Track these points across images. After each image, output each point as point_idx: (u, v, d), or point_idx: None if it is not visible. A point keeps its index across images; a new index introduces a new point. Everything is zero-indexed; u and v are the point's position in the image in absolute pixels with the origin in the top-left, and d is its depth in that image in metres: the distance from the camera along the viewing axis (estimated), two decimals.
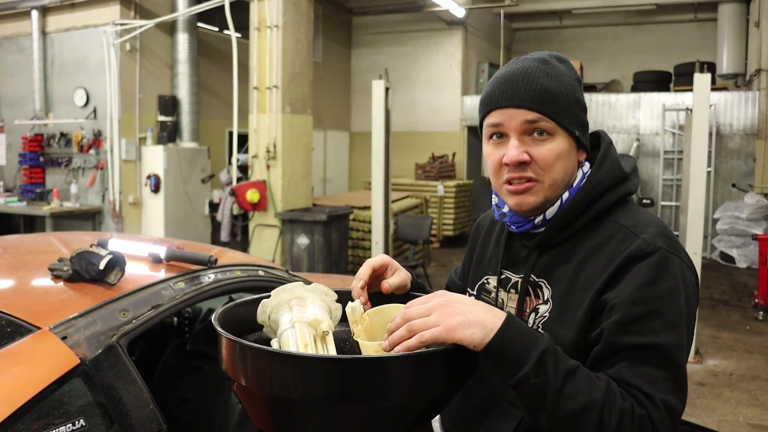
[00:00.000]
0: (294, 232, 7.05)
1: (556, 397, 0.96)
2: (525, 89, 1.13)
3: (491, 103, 1.16)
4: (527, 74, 1.14)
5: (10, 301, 1.69)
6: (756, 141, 9.93)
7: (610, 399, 0.97)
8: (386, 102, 7.03)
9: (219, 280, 1.98)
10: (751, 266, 8.89)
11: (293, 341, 1.03)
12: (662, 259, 1.07)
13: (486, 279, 1.31)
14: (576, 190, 1.17)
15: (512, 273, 1.25)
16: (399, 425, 0.99)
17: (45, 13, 8.45)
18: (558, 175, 1.15)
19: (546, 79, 1.14)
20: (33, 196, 8.56)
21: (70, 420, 1.41)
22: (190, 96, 8.49)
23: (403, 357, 0.94)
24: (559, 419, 0.97)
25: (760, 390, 4.61)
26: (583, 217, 1.16)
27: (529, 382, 0.96)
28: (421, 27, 12.74)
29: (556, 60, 1.19)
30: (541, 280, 1.18)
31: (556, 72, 1.16)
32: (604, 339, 1.04)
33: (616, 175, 1.18)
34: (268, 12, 7.13)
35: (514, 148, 1.13)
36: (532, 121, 1.12)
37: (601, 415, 0.95)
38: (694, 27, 13.30)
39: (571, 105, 1.15)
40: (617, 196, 1.17)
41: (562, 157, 1.14)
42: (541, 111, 1.12)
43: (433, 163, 11.46)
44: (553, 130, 1.13)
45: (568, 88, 1.15)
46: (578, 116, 1.17)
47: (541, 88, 1.13)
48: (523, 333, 0.99)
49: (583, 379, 0.98)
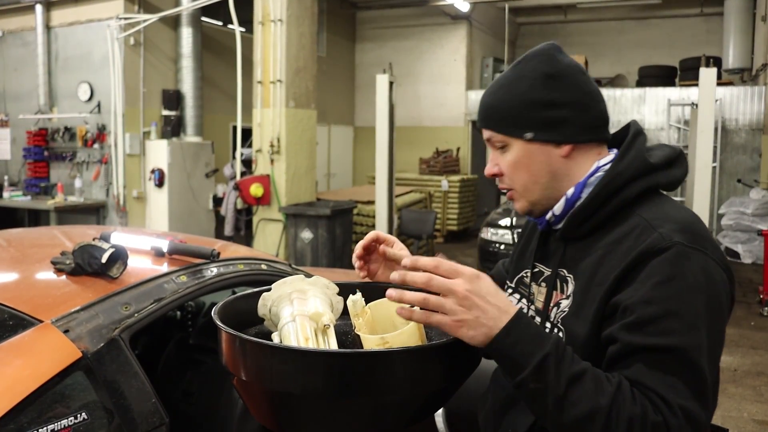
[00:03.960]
0: (298, 226, 7.05)
1: (557, 403, 0.94)
2: (480, 110, 1.22)
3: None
4: (485, 93, 1.23)
5: (13, 294, 1.69)
6: (762, 136, 9.88)
7: (619, 404, 0.94)
8: (390, 96, 7.02)
9: (221, 273, 1.98)
10: (757, 262, 8.85)
11: (294, 335, 1.03)
12: (679, 255, 1.02)
13: (525, 272, 1.32)
14: (584, 184, 1.16)
15: (544, 266, 1.26)
16: (400, 419, 0.98)
17: (49, 8, 8.45)
18: (524, 180, 1.18)
19: (490, 94, 1.20)
20: (37, 191, 8.58)
21: (72, 413, 1.41)
22: (194, 90, 8.49)
23: (405, 351, 0.94)
24: (561, 425, 0.95)
25: (764, 386, 4.59)
26: (604, 209, 1.14)
27: (528, 386, 0.95)
28: (425, 21, 12.70)
29: (525, 61, 1.19)
30: (569, 275, 1.17)
31: (510, 80, 1.18)
32: (620, 340, 1.01)
33: (637, 167, 1.14)
34: (272, 6, 7.12)
35: (489, 162, 1.24)
36: (488, 138, 1.21)
37: (607, 421, 0.93)
38: (699, 21, 13.22)
39: (519, 110, 1.15)
40: (639, 189, 1.13)
41: (522, 164, 1.17)
42: (489, 127, 1.19)
43: (437, 158, 11.44)
44: (504, 141, 1.18)
45: (517, 93, 1.16)
46: (531, 118, 1.15)
47: (485, 105, 1.21)
48: (528, 334, 0.97)
49: (589, 384, 0.95)
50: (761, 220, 8.94)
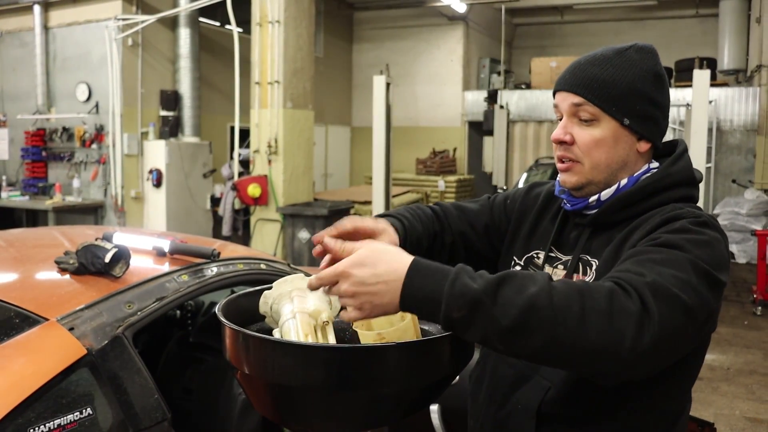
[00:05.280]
0: (295, 226, 7.09)
1: (490, 314, 0.89)
2: (578, 74, 1.19)
3: (555, 85, 1.25)
4: (588, 62, 1.20)
5: (18, 293, 1.73)
6: (756, 137, 9.94)
7: (558, 285, 0.91)
8: (387, 97, 7.05)
9: (222, 273, 2.02)
10: (751, 262, 8.91)
11: (294, 331, 1.07)
12: (702, 223, 1.08)
13: (536, 253, 1.33)
14: (636, 179, 1.20)
15: (560, 253, 1.28)
16: (396, 411, 1.02)
17: (47, 8, 8.47)
18: (600, 159, 1.18)
19: (598, 67, 1.18)
20: (35, 191, 8.59)
21: (77, 408, 1.45)
22: (191, 91, 8.52)
23: (400, 346, 0.98)
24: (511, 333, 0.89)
25: (756, 384, 4.65)
26: (644, 203, 1.18)
27: (452, 317, 0.91)
28: (422, 22, 12.74)
29: (634, 51, 1.20)
30: (593, 260, 1.20)
31: (620, 61, 1.18)
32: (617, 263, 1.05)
33: (687, 176, 1.21)
34: (269, 7, 7.15)
35: (560, 128, 1.21)
36: (577, 104, 1.18)
37: (550, 298, 0.89)
38: (695, 23, 13.29)
39: (626, 94, 1.17)
40: (682, 194, 1.20)
41: (605, 143, 1.18)
42: (585, 96, 1.17)
43: (434, 158, 11.48)
44: (596, 115, 1.17)
45: (627, 77, 1.17)
46: (634, 106, 1.18)
47: (589, 75, 1.18)
48: (429, 273, 0.94)
49: (516, 281, 0.91)
50: (755, 220, 8.99)
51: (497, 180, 10.46)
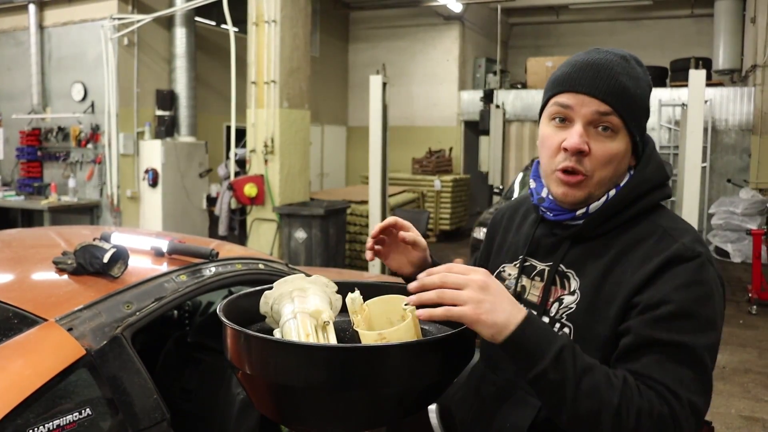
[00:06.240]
0: (292, 226, 7.08)
1: (574, 394, 0.96)
2: (606, 80, 1.10)
3: (566, 83, 1.13)
4: (610, 67, 1.12)
5: (17, 294, 1.72)
6: (751, 136, 9.98)
7: (627, 396, 0.97)
8: (383, 97, 7.06)
9: (220, 273, 2.02)
10: (746, 261, 8.94)
11: (295, 331, 1.07)
12: (702, 265, 1.07)
13: (502, 267, 1.31)
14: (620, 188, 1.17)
15: (537, 261, 1.24)
16: (397, 410, 1.03)
17: (42, 7, 8.44)
18: (608, 175, 1.13)
19: (627, 77, 1.12)
20: (31, 191, 8.57)
21: (76, 409, 1.45)
22: (187, 90, 8.50)
23: (401, 346, 0.98)
24: (578, 416, 0.97)
25: (752, 383, 4.67)
26: (624, 213, 1.15)
27: (547, 377, 0.96)
28: (418, 22, 12.75)
29: (635, 62, 1.17)
30: (569, 271, 1.17)
31: (635, 73, 1.14)
32: (634, 332, 1.04)
33: (660, 177, 1.18)
34: (266, 7, 7.14)
35: (578, 135, 1.11)
36: (604, 113, 1.10)
37: (618, 412, 0.96)
38: (690, 23, 13.32)
39: (641, 110, 1.15)
40: (658, 198, 1.18)
41: (618, 158, 1.13)
42: (615, 106, 1.10)
43: (430, 158, 11.49)
44: (618, 128, 1.11)
45: (642, 92, 1.15)
46: (642, 122, 1.17)
47: (621, 84, 1.11)
48: (542, 329, 0.99)
49: (600, 376, 0.98)
50: (750, 219, 9.03)
51: (493, 180, 10.47)
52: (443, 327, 1.19)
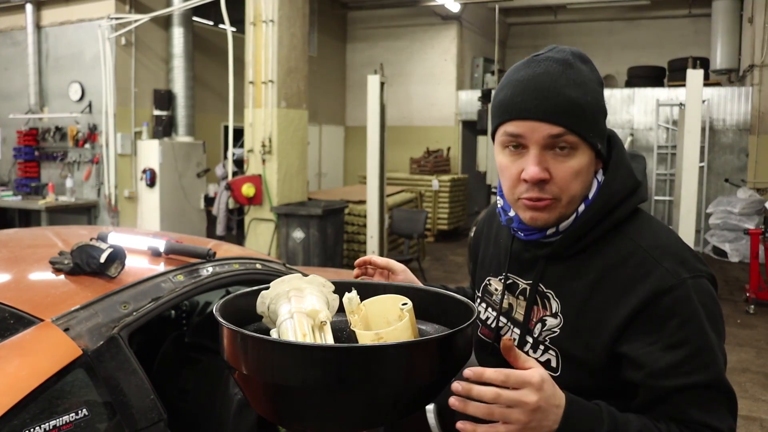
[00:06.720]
0: (289, 226, 7.08)
1: None
2: (551, 100, 1.03)
3: (511, 110, 1.06)
4: (552, 81, 1.03)
5: (13, 294, 1.72)
6: (749, 136, 9.99)
7: None
8: (381, 96, 7.06)
9: (217, 273, 2.01)
10: (743, 260, 8.96)
11: (292, 331, 1.07)
12: (689, 291, 1.02)
13: (488, 280, 1.29)
14: (590, 203, 1.10)
15: (519, 278, 1.21)
16: (394, 410, 1.02)
17: (39, 7, 8.43)
18: (576, 192, 1.07)
19: (572, 88, 1.04)
20: (28, 190, 8.56)
21: (72, 409, 1.45)
22: (185, 90, 8.50)
23: (399, 346, 0.98)
24: None
25: (749, 382, 4.67)
26: (597, 229, 1.10)
27: None
28: (416, 22, 12.75)
29: (579, 61, 1.08)
30: (548, 291, 1.14)
31: (581, 78, 1.06)
32: (655, 386, 1.01)
33: (630, 185, 1.11)
34: (263, 6, 7.14)
35: (534, 165, 1.05)
36: (557, 135, 1.03)
37: None
38: (688, 22, 13.34)
39: (596, 115, 1.07)
40: (631, 207, 1.11)
41: (582, 172, 1.07)
42: (566, 125, 1.03)
43: (428, 158, 11.49)
44: (576, 144, 1.05)
45: (593, 95, 1.06)
46: (601, 126, 1.08)
47: (568, 99, 1.03)
48: (583, 414, 0.97)
49: None
50: (748, 219, 9.05)
51: (491, 179, 10.46)
52: (441, 327, 1.19)
